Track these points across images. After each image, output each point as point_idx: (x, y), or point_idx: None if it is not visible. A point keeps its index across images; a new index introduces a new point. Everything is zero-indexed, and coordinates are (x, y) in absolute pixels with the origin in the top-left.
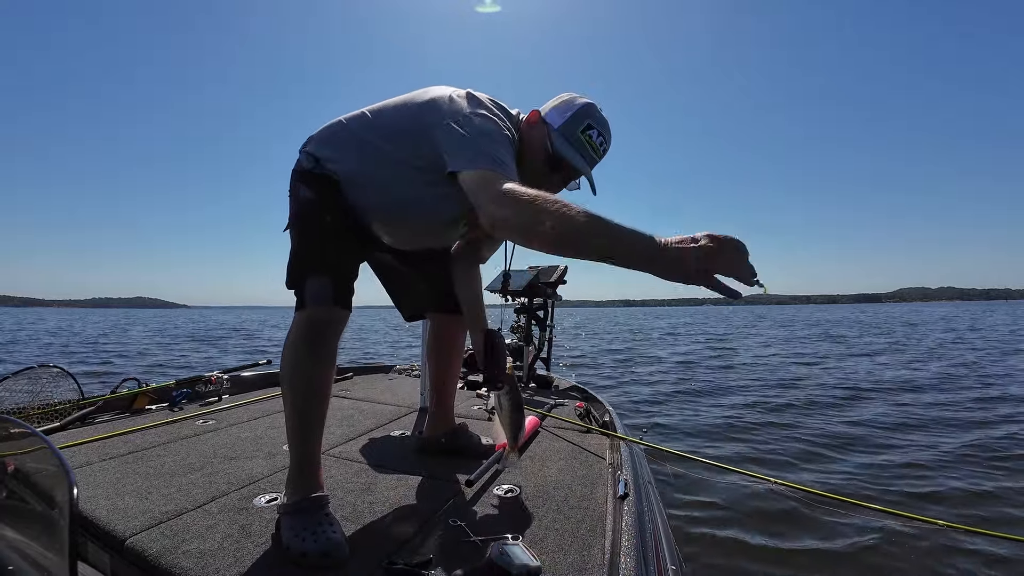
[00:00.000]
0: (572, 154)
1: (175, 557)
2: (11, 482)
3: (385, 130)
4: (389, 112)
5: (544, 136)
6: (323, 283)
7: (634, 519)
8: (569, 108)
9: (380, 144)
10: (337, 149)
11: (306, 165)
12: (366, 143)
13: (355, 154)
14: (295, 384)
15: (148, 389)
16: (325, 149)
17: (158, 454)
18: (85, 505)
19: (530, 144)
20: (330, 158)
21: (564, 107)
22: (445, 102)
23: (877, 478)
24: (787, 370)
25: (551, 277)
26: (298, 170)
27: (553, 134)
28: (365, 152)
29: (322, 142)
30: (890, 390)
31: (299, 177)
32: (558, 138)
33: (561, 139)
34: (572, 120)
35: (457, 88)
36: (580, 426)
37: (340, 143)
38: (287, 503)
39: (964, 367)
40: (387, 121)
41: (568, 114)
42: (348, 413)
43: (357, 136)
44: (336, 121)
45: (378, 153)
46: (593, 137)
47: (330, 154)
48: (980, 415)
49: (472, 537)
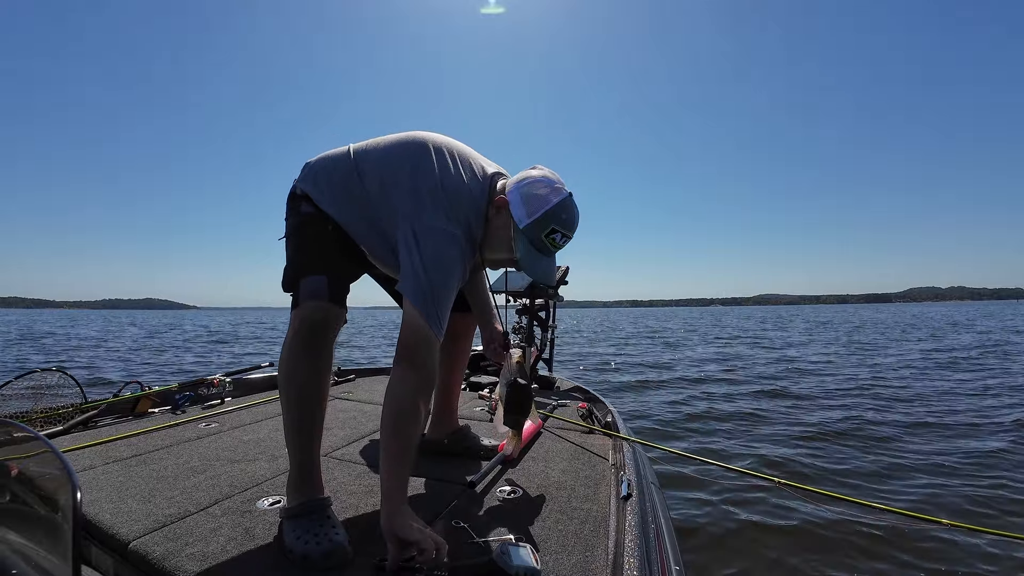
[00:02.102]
0: (531, 259)
1: (178, 560)
2: (15, 486)
3: (362, 183)
4: (368, 166)
5: (508, 228)
6: (319, 281)
7: (637, 520)
8: (538, 206)
9: (357, 192)
10: (321, 189)
11: (300, 193)
12: (344, 188)
13: (337, 196)
14: (292, 386)
15: (151, 392)
16: (311, 187)
17: (161, 457)
18: (88, 509)
19: (495, 232)
20: (318, 198)
21: (533, 202)
22: (411, 196)
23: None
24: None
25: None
26: (294, 194)
27: (516, 232)
28: (345, 196)
29: (307, 181)
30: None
31: (297, 198)
32: (519, 238)
33: (523, 240)
34: (537, 224)
35: (433, 161)
36: (583, 427)
37: (323, 183)
38: (289, 506)
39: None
40: (365, 173)
41: (535, 216)
42: (351, 415)
43: (337, 179)
44: (321, 158)
45: (356, 200)
46: (557, 240)
47: (316, 193)
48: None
49: (475, 538)
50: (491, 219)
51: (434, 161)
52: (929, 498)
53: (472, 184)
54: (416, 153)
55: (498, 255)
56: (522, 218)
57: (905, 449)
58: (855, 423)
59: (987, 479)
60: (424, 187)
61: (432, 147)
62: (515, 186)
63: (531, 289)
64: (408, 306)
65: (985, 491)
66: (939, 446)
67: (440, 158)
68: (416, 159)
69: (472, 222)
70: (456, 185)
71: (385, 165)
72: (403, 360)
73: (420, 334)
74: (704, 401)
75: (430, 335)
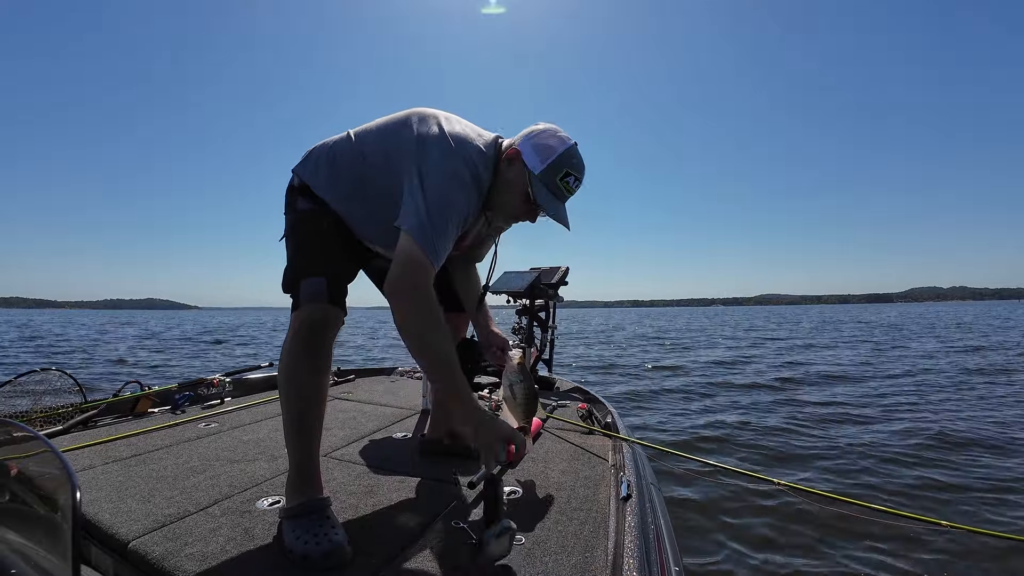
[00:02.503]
0: (550, 203)
1: (178, 560)
2: (15, 485)
3: (364, 159)
4: (370, 141)
5: (523, 177)
6: (318, 283)
7: (637, 520)
8: (549, 154)
9: (360, 171)
10: (320, 175)
11: (298, 184)
12: (348, 169)
13: (337, 179)
14: (292, 386)
15: (150, 392)
16: (310, 174)
17: (161, 457)
18: (88, 508)
19: (508, 182)
20: (316, 184)
21: (544, 151)
22: (416, 144)
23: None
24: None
25: (552, 278)
26: (292, 187)
27: (533, 179)
28: (347, 178)
29: (307, 167)
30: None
31: (295, 192)
32: (537, 184)
33: (540, 186)
34: (552, 168)
35: (435, 117)
36: (582, 427)
37: (323, 168)
38: (289, 506)
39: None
40: (367, 150)
41: (549, 161)
42: (350, 415)
43: (339, 161)
44: (321, 144)
45: (357, 180)
46: (571, 183)
47: (314, 179)
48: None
49: (475, 539)
50: (503, 172)
51: (438, 118)
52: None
53: (476, 138)
54: (419, 116)
55: (509, 207)
56: (536, 165)
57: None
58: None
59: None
60: (429, 136)
61: (432, 111)
62: (524, 138)
63: (531, 290)
64: (405, 238)
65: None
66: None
67: (442, 118)
68: (419, 120)
69: (480, 169)
70: (462, 134)
71: (389, 135)
72: (400, 290)
73: (416, 262)
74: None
75: (426, 262)
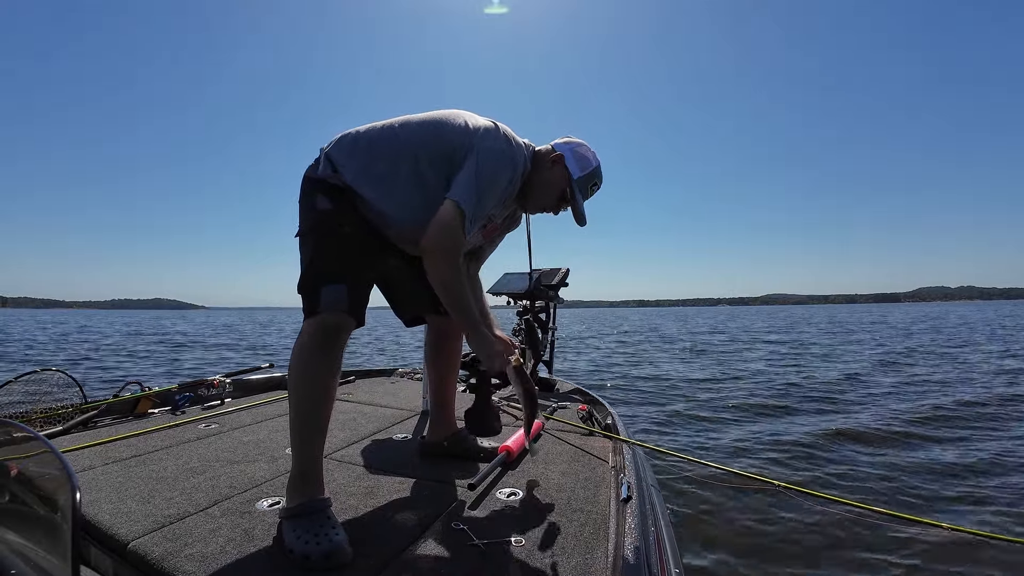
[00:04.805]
0: (581, 202)
1: (178, 561)
2: (15, 486)
3: (411, 142)
4: (414, 126)
5: (564, 179)
6: (339, 291)
7: (637, 522)
8: (586, 164)
9: (404, 153)
10: (355, 156)
11: (322, 172)
12: (389, 152)
13: (375, 162)
14: (303, 388)
15: (150, 393)
16: (344, 156)
17: (160, 458)
18: (88, 509)
19: (547, 180)
20: (347, 165)
21: (582, 161)
22: (478, 128)
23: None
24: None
25: (553, 280)
26: (314, 177)
27: (573, 182)
28: (386, 161)
29: (342, 148)
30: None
31: (315, 186)
32: (574, 186)
33: (576, 189)
34: (588, 177)
35: (484, 118)
36: (583, 429)
37: (360, 151)
38: (289, 506)
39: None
40: (415, 134)
41: (587, 171)
42: (350, 417)
43: (382, 146)
44: (355, 130)
45: (399, 163)
46: (596, 191)
47: (347, 161)
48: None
49: (475, 540)
50: (545, 170)
51: (483, 117)
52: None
53: (517, 136)
54: (465, 113)
55: (545, 199)
56: (576, 171)
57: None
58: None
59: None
60: (483, 125)
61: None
62: (565, 145)
63: (531, 291)
64: (450, 206)
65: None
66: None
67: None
68: (468, 114)
69: (525, 161)
70: (509, 130)
71: (438, 123)
72: (434, 249)
73: (452, 228)
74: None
75: (460, 230)
